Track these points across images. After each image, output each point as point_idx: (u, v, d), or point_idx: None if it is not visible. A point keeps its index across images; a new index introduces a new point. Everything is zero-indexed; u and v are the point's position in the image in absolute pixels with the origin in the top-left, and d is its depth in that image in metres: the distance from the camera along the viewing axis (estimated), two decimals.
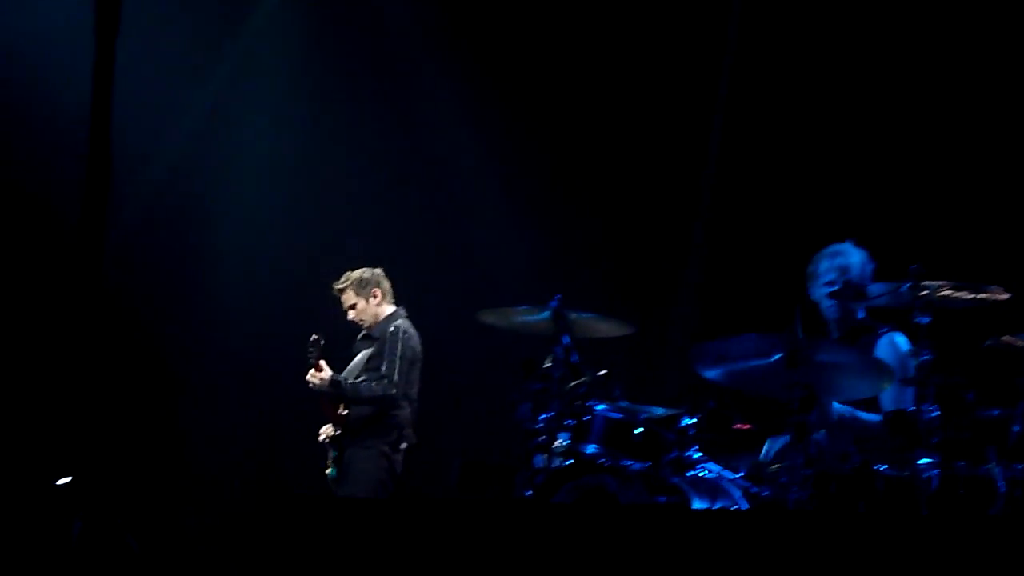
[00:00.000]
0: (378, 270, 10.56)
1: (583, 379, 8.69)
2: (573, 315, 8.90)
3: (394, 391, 10.24)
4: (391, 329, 10.38)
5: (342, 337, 10.49)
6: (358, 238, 11.78)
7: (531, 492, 8.48)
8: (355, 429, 10.28)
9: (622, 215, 11.55)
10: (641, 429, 8.37)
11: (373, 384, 10.24)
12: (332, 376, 10.23)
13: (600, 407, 8.55)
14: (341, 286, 10.49)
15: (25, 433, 11.07)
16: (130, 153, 10.00)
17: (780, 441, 8.15)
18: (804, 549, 5.31)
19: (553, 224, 11.56)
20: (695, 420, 8.31)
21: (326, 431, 10.41)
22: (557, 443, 8.60)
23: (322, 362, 10.27)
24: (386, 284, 10.57)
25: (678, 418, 8.40)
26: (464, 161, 11.85)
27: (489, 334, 9.58)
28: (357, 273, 10.50)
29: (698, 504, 7.93)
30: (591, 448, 8.45)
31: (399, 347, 10.31)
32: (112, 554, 10.34)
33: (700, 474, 8.20)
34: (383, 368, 10.26)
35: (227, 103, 12.00)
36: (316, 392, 10.29)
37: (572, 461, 8.45)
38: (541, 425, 8.62)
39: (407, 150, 11.98)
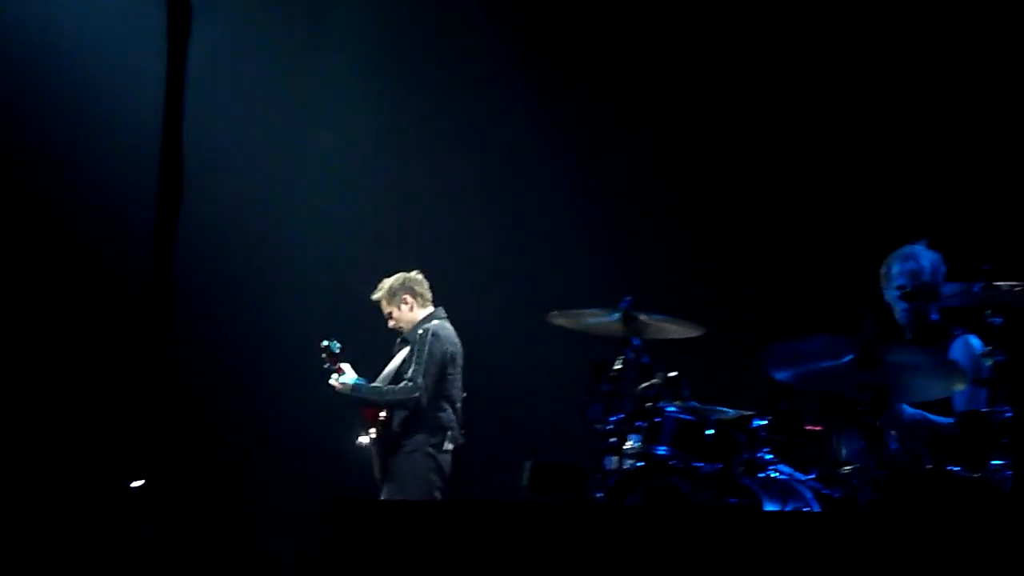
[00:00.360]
0: (412, 274, 10.57)
1: (654, 381, 8.68)
2: (643, 316, 8.89)
3: (417, 393, 10.24)
4: (419, 332, 10.41)
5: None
6: (431, 239, 11.78)
7: (602, 494, 8.48)
8: (396, 433, 10.31)
9: (693, 215, 11.51)
10: (712, 431, 8.34)
11: (395, 387, 10.30)
12: (352, 383, 10.28)
13: (671, 408, 8.54)
14: (377, 297, 10.57)
15: (99, 435, 11.16)
16: (203, 159, 10.09)
17: (853, 442, 8.11)
18: (876, 551, 5.28)
19: (624, 225, 11.53)
20: (766, 421, 8.28)
21: (367, 435, 10.43)
22: (628, 445, 8.59)
23: (345, 366, 10.33)
24: (420, 288, 10.58)
25: (749, 419, 8.38)
26: (535, 162, 11.82)
27: (559, 336, 9.57)
28: (388, 282, 10.53)
29: (769, 506, 7.90)
30: (662, 450, 8.44)
31: (426, 349, 10.32)
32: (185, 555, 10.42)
33: (771, 476, 8.17)
34: (408, 372, 10.31)
35: (300, 108, 12.01)
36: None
37: (643, 463, 8.44)
38: (612, 427, 8.62)
39: (479, 151, 11.97)
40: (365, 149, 12.12)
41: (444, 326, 10.51)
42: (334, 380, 10.31)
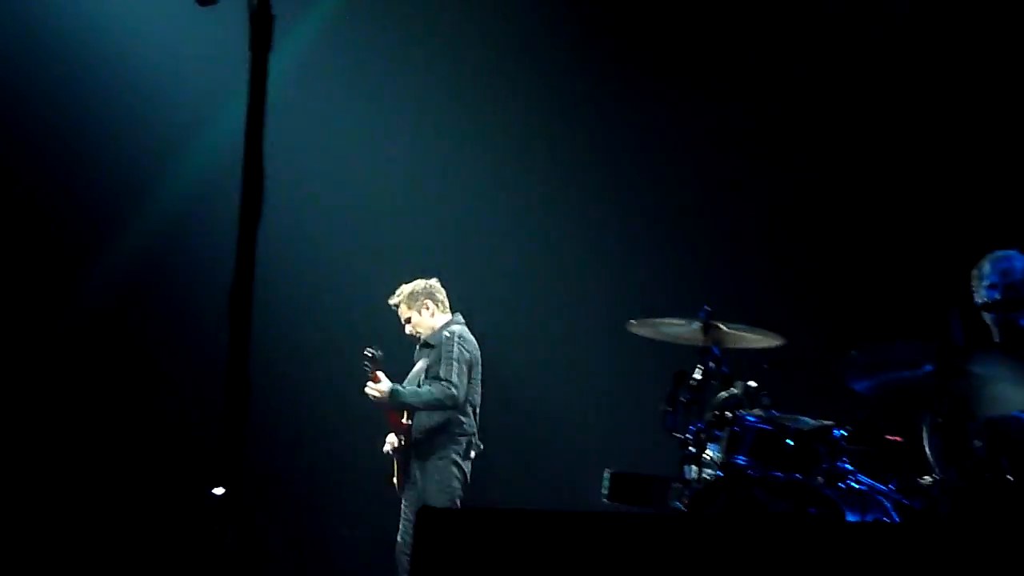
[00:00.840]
0: (432, 281, 10.53)
1: (733, 390, 8.67)
2: (722, 325, 8.87)
3: (454, 391, 10.18)
4: (446, 335, 10.34)
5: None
6: (511, 249, 11.78)
7: (682, 504, 8.47)
8: (421, 440, 10.29)
9: (774, 224, 11.47)
10: (792, 441, 8.32)
11: (432, 387, 10.19)
12: (390, 386, 10.21)
13: (750, 418, 8.52)
14: (395, 301, 10.50)
15: (182, 442, 11.26)
16: (282, 166, 10.12)
17: (934, 452, 8.05)
18: (957, 562, 5.25)
19: (704, 233, 11.51)
20: (846, 431, 8.24)
21: (391, 441, 10.41)
22: (707, 454, 8.58)
23: (379, 373, 10.24)
24: (439, 295, 10.52)
25: (829, 429, 8.34)
26: (616, 171, 11.80)
27: (638, 345, 9.57)
28: (408, 287, 10.47)
29: (849, 516, 7.87)
30: (741, 459, 8.43)
31: (454, 350, 10.27)
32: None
33: (851, 486, 8.14)
34: (441, 371, 10.22)
35: (376, 116, 12.04)
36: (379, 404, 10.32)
37: (722, 472, 8.42)
38: (691, 436, 8.61)
39: (561, 161, 11.95)
40: (438, 160, 12.12)
41: (467, 331, 10.46)
42: (369, 388, 10.22)
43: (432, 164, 12.12)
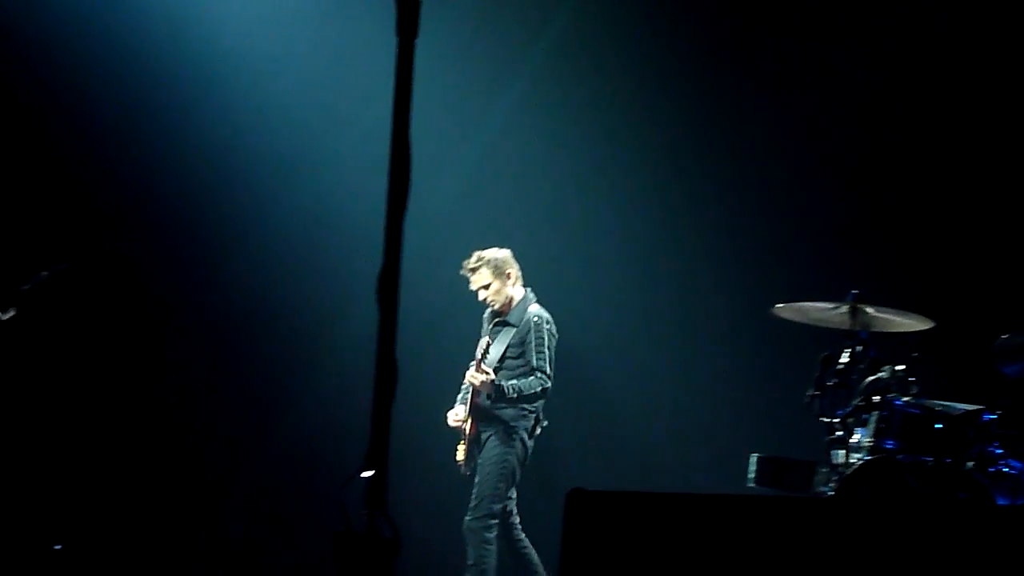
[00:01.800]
0: (508, 251, 10.41)
1: (881, 374, 8.62)
2: (870, 309, 8.82)
3: (549, 384, 10.19)
4: (535, 319, 10.25)
5: None
6: (657, 233, 11.72)
7: (829, 488, 8.45)
8: (490, 415, 10.23)
9: (921, 207, 11.33)
10: (941, 425, 8.26)
11: (531, 380, 10.14)
12: (495, 381, 10.13)
13: (899, 402, 8.47)
14: (474, 265, 10.29)
15: (324, 427, 11.36)
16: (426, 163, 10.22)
17: None
18: None
19: (851, 217, 11.39)
20: (996, 416, 8.17)
21: (455, 416, 10.36)
22: (855, 438, 8.54)
23: (483, 364, 10.20)
24: (515, 267, 10.40)
25: (979, 414, 8.27)
26: (759, 153, 11.69)
27: (785, 329, 9.53)
28: (491, 253, 10.32)
29: (1000, 501, 7.80)
30: (890, 443, 8.38)
31: (545, 337, 10.22)
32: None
33: (1002, 470, 8.06)
34: (534, 361, 10.17)
35: (521, 114, 12.00)
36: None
37: (871, 457, 8.38)
38: (839, 420, 8.58)
39: (709, 143, 11.84)
40: (583, 147, 12.03)
41: (545, 312, 10.36)
42: (473, 376, 10.17)
43: (568, 155, 12.03)
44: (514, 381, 10.16)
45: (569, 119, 11.90)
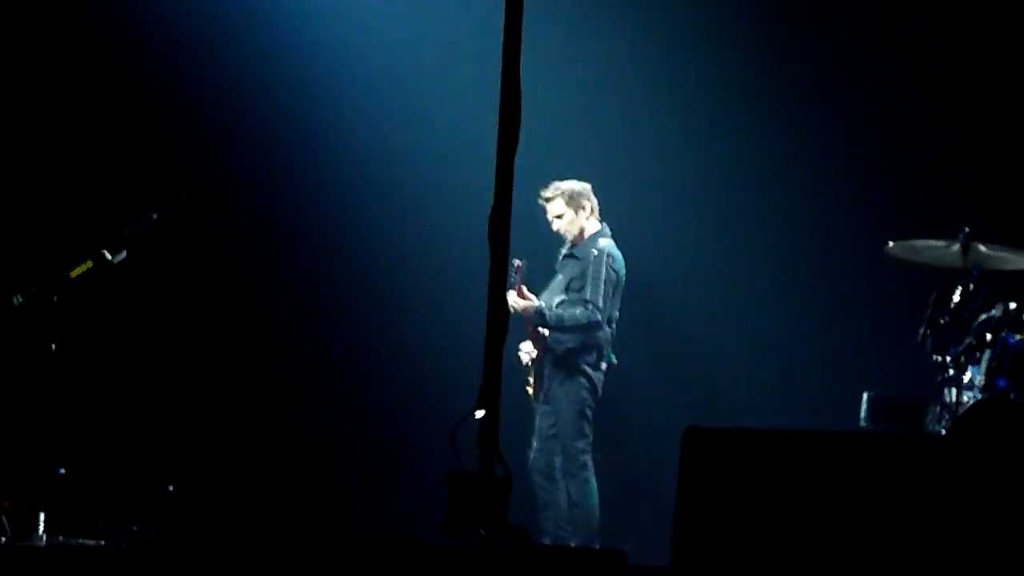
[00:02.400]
0: (588, 185, 10.29)
1: (993, 312, 8.55)
2: (983, 247, 8.75)
3: (598, 316, 10.06)
4: (595, 252, 10.14)
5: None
6: (763, 172, 11.60)
7: (942, 427, 8.41)
8: (555, 350, 10.13)
9: None
10: None
11: (576, 311, 10.06)
12: (536, 305, 10.08)
13: (1012, 340, 8.40)
14: (550, 195, 10.22)
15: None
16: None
17: None
18: None
19: (963, 153, 11.24)
20: None
21: (526, 349, 10.30)
22: (967, 377, 8.49)
23: (524, 288, 10.13)
24: (595, 200, 10.30)
25: None
26: (867, 88, 11.52)
27: (896, 267, 9.46)
28: (568, 183, 10.22)
29: None
30: (1002, 382, 8.32)
31: (603, 271, 10.10)
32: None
33: None
34: (587, 292, 10.07)
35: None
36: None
37: (983, 395, 8.33)
38: (951, 359, 8.52)
39: (805, 82, 11.69)
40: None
41: (615, 246, 10.28)
42: (514, 300, 9.99)
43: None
44: (558, 310, 10.09)
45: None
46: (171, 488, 10.90)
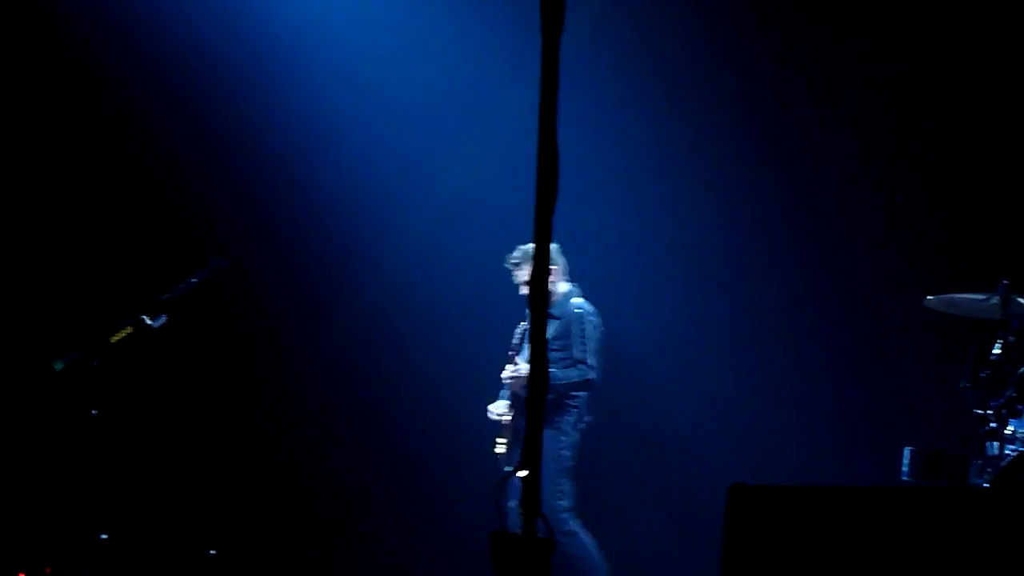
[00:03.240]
0: (554, 246, 10.21)
1: None
2: (1022, 300, 8.72)
3: (593, 375, 10.08)
4: (575, 311, 10.14)
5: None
6: (803, 230, 11.57)
7: (984, 480, 8.36)
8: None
9: None
10: None
11: (571, 372, 10.05)
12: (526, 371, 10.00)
13: None
14: (516, 260, 10.21)
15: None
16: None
17: None
18: None
19: (1000, 206, 11.19)
20: None
21: (496, 411, 10.25)
22: (1009, 429, 8.45)
23: (518, 357, 10.16)
24: (561, 261, 10.28)
25: None
26: (914, 144, 11.45)
27: (937, 321, 9.43)
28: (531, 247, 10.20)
29: None
30: None
31: (587, 329, 10.12)
32: None
33: None
34: (574, 352, 10.06)
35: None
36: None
37: None
38: (992, 412, 8.49)
39: (846, 136, 11.65)
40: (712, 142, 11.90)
41: (588, 305, 10.25)
42: (509, 372, 10.13)
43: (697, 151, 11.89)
44: (554, 370, 9.96)
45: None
46: (213, 553, 10.94)
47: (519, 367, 10.09)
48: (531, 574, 5.03)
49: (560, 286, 10.28)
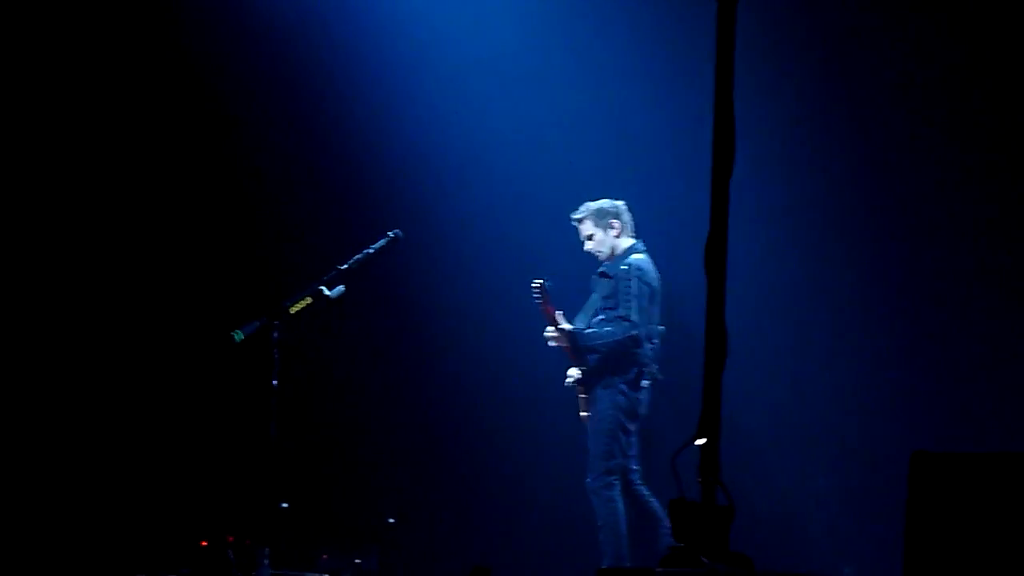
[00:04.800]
0: (620, 202, 10.16)
1: None
2: None
3: (635, 331, 9.89)
4: (623, 268, 9.98)
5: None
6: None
7: None
8: (596, 368, 10.00)
9: None
10: None
11: (611, 328, 9.93)
12: (568, 329, 9.98)
13: None
14: (580, 216, 10.16)
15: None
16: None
17: None
18: None
19: None
20: None
21: (572, 373, 10.15)
22: None
23: (558, 315, 10.02)
24: (627, 216, 10.18)
25: None
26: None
27: None
28: (597, 203, 10.12)
29: None
30: None
31: (632, 285, 9.92)
32: None
33: None
34: (620, 309, 9.92)
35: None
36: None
37: None
38: None
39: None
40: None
41: (647, 260, 10.11)
42: (548, 333, 10.07)
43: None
44: (592, 329, 9.99)
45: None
46: (391, 521, 11.05)
47: (562, 325, 10.02)
48: (710, 540, 5.02)
49: (621, 243, 10.20)
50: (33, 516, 11.02)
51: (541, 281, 9.96)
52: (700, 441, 5.27)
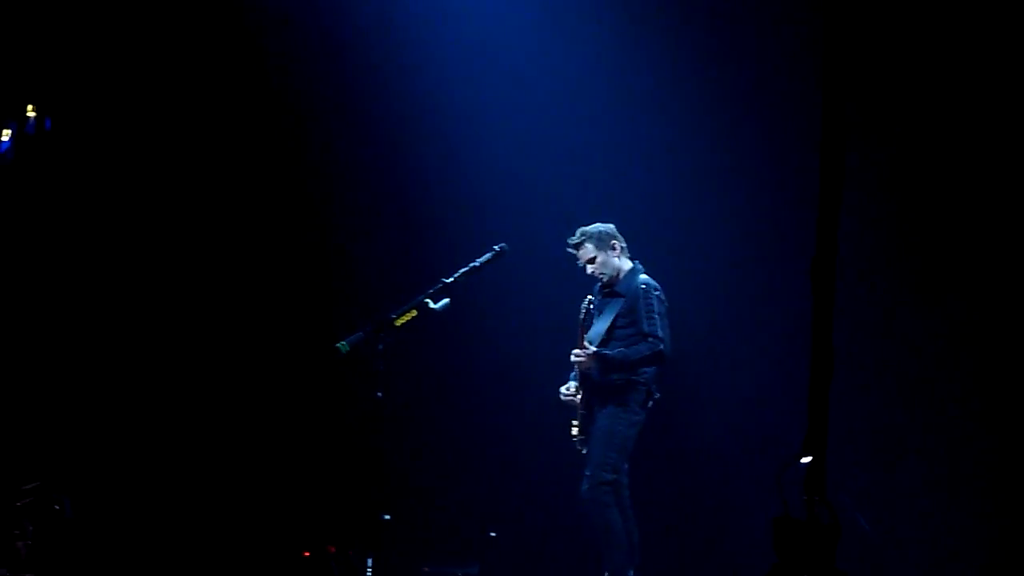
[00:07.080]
0: (610, 226, 10.17)
1: None
2: None
3: (662, 347, 9.87)
4: (641, 286, 9.99)
5: None
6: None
7: None
8: (601, 388, 9.96)
9: None
10: None
11: (640, 347, 9.88)
12: (596, 351, 9.88)
13: None
14: (578, 240, 10.13)
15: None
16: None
17: None
18: None
19: None
20: None
21: (567, 390, 10.11)
22: None
23: (586, 336, 9.98)
24: (621, 239, 10.19)
25: None
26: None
27: None
28: (594, 227, 10.12)
29: None
30: None
31: (653, 302, 9.93)
32: None
33: None
34: (643, 326, 9.90)
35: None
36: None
37: None
38: None
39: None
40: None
41: (652, 280, 10.10)
42: (576, 356, 9.97)
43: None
44: (621, 348, 9.94)
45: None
46: (493, 535, 11.06)
47: (588, 348, 9.97)
48: (815, 559, 4.99)
49: (623, 263, 10.22)
50: (141, 524, 11.16)
51: (590, 297, 10.09)
52: (806, 459, 5.25)
